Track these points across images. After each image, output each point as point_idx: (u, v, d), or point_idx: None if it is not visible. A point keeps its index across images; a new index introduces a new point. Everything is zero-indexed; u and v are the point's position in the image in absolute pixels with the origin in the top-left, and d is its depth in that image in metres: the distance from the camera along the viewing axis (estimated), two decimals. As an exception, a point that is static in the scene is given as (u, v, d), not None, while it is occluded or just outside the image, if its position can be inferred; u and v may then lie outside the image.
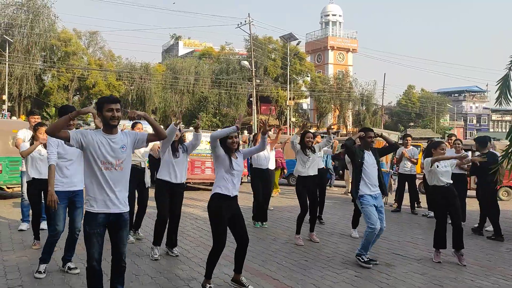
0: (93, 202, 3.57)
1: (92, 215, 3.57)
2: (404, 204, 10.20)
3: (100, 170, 3.56)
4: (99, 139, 3.59)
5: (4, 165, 9.37)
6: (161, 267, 5.29)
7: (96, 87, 39.40)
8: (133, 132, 3.84)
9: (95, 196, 3.57)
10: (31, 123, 6.56)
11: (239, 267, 4.65)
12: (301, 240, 6.66)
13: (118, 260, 3.71)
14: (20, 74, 35.15)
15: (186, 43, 72.68)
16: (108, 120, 3.59)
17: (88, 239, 3.57)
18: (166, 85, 43.91)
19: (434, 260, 5.90)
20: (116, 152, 3.62)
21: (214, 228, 4.47)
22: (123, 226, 3.69)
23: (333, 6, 65.18)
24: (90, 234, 3.55)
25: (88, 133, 3.59)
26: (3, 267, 5.14)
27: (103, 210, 3.57)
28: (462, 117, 76.63)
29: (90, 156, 3.56)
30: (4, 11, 36.66)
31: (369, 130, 5.95)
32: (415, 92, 63.82)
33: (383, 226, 5.67)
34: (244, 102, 45.97)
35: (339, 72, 56.58)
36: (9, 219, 7.81)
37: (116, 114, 3.58)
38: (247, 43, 43.05)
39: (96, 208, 3.56)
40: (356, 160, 5.70)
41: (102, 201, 3.57)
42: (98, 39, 43.70)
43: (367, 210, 5.58)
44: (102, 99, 3.66)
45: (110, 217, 3.61)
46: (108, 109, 3.57)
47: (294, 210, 9.66)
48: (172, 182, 5.62)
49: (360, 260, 5.55)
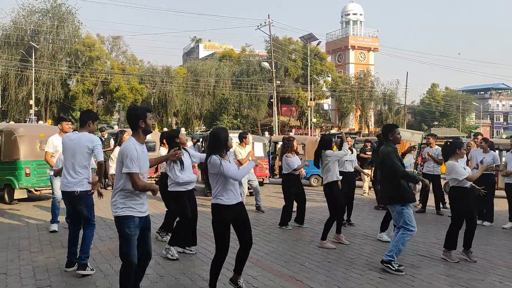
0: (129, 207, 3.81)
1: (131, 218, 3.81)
2: (429, 205, 10.02)
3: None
4: (141, 148, 3.81)
5: (32, 168, 9.61)
6: (185, 268, 5.34)
7: (120, 91, 40.12)
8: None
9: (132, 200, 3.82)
10: (65, 129, 6.63)
11: (239, 269, 4.51)
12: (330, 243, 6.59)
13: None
14: (47, 80, 36.06)
15: (206, 45, 73.30)
16: (150, 129, 3.89)
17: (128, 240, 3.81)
18: (187, 87, 44.34)
19: (451, 261, 5.77)
20: (147, 162, 3.90)
21: (217, 237, 4.36)
22: (149, 226, 3.98)
23: (354, 5, 64.70)
24: (129, 235, 3.78)
25: (136, 153, 3.73)
26: (32, 267, 5.27)
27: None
28: (489, 115, 74.84)
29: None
30: (30, 18, 37.68)
31: (395, 127, 5.68)
32: (439, 90, 62.69)
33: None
34: (265, 103, 46.02)
35: (361, 71, 56.06)
36: (38, 221, 8.01)
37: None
38: (267, 44, 43.09)
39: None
40: (401, 167, 5.43)
41: (140, 204, 3.85)
42: (121, 43, 44.66)
43: (408, 213, 5.38)
44: (145, 109, 3.92)
45: (142, 220, 3.86)
46: (150, 117, 3.88)
47: (315, 211, 9.62)
48: (187, 190, 5.79)
49: (390, 268, 5.28)
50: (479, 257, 5.94)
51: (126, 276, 3.78)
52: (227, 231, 4.28)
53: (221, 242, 4.28)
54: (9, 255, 5.77)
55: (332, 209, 6.62)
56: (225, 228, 4.27)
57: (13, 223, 7.87)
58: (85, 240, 4.98)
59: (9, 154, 9.70)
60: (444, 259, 5.85)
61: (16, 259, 5.62)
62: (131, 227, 3.74)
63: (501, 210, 9.34)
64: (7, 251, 5.97)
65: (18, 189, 9.57)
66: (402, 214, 5.39)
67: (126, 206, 3.76)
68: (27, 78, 35.62)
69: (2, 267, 5.27)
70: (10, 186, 9.68)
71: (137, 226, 3.79)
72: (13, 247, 6.17)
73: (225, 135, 4.31)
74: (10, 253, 5.89)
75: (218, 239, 4.30)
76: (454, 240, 5.88)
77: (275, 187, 13.25)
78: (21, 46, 36.11)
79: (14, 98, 36.23)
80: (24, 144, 9.69)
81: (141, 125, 3.80)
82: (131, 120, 3.83)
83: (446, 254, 5.89)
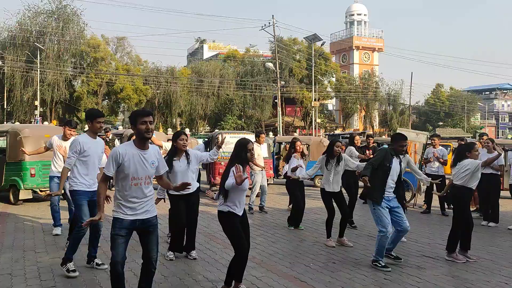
0: (119, 209, 3.73)
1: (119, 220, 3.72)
2: (434, 206, 9.98)
3: (130, 185, 3.68)
4: (132, 153, 3.68)
5: (37, 169, 9.65)
6: (190, 269, 5.34)
7: (124, 91, 40.23)
8: (161, 155, 3.94)
9: (123, 203, 3.71)
10: (66, 134, 6.65)
11: (238, 276, 4.44)
12: (332, 241, 6.62)
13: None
14: (52, 81, 36.22)
15: (210, 46, 73.36)
16: (143, 133, 3.66)
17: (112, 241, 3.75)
18: (192, 88, 44.40)
19: (458, 261, 5.76)
20: (147, 169, 3.72)
21: (232, 238, 4.41)
22: (151, 230, 3.81)
23: (358, 6, 64.57)
24: (113, 235, 3.72)
25: (121, 154, 3.65)
26: (37, 268, 5.29)
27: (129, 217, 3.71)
28: (494, 116, 74.43)
29: (122, 170, 3.69)
30: (36, 19, 37.85)
31: (402, 138, 5.70)
32: (443, 90, 62.42)
33: (407, 225, 5.55)
34: (269, 103, 46.01)
35: (365, 72, 55.94)
36: (43, 222, 8.04)
37: (150, 127, 3.67)
38: (272, 44, 43.11)
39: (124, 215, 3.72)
40: (385, 165, 5.54)
41: (130, 208, 3.71)
42: (125, 44, 44.70)
43: (378, 213, 5.47)
44: (135, 113, 3.75)
45: (136, 223, 3.72)
46: (142, 122, 3.65)
47: (320, 211, 9.60)
48: (183, 194, 5.56)
49: (377, 266, 5.43)
50: (484, 258, 5.91)
51: (112, 275, 3.75)
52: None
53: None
54: (14, 256, 5.79)
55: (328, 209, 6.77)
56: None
57: (18, 223, 7.90)
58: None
59: (14, 154, 9.74)
60: (451, 261, 5.82)
61: (21, 259, 5.64)
62: (116, 228, 3.68)
63: (506, 210, 9.29)
64: (12, 252, 5.99)
65: (23, 190, 9.61)
66: (373, 213, 5.59)
67: (117, 207, 3.74)
68: (32, 79, 35.80)
69: (7, 268, 5.29)
70: (15, 187, 9.72)
71: (124, 227, 3.68)
72: (18, 248, 6.19)
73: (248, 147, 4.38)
74: (15, 253, 5.91)
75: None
76: (455, 242, 5.89)
77: (279, 188, 13.23)
78: (27, 47, 36.31)
79: (19, 99, 36.43)
80: (29, 144, 9.71)
81: (133, 130, 3.74)
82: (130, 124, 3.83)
83: (452, 255, 5.86)
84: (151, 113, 3.78)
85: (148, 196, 3.79)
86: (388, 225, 5.42)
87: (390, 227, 5.46)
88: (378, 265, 5.44)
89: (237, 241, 4.34)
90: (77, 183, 5.13)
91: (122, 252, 3.68)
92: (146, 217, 3.76)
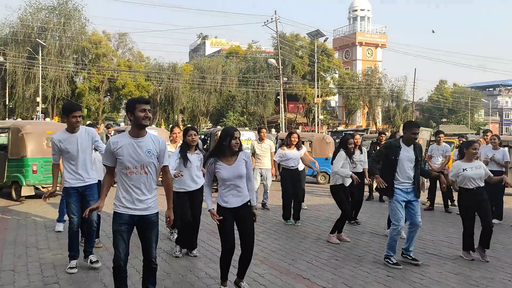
0: (119, 202, 3.70)
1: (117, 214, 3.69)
2: (437, 202, 9.93)
3: (126, 174, 3.67)
4: (126, 141, 3.66)
5: (39, 165, 9.65)
6: (192, 266, 5.33)
7: (126, 88, 40.21)
8: (165, 146, 3.83)
9: (121, 194, 3.70)
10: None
11: (241, 272, 4.45)
12: (335, 238, 6.61)
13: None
14: (54, 77, 36.17)
15: (213, 42, 73.20)
16: (140, 120, 3.63)
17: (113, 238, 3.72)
18: (194, 84, 44.35)
19: (465, 258, 5.77)
20: (141, 156, 3.66)
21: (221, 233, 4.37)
22: (150, 227, 3.76)
23: (361, 1, 64.12)
24: (113, 230, 3.69)
25: (113, 143, 3.67)
26: (40, 264, 5.29)
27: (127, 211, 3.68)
28: (498, 112, 74.17)
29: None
30: (37, 15, 37.81)
31: (414, 126, 5.59)
32: (447, 87, 62.19)
33: (418, 221, 5.47)
34: (272, 100, 45.93)
35: (368, 68, 55.70)
36: (45, 218, 8.04)
37: (148, 115, 3.65)
38: (274, 41, 42.95)
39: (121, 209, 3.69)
40: (390, 158, 5.50)
41: (128, 200, 3.69)
42: (127, 40, 44.62)
43: (393, 206, 5.45)
44: (133, 100, 3.72)
45: (135, 218, 3.69)
46: (141, 109, 3.63)
47: (323, 208, 9.58)
48: (188, 191, 5.60)
49: (389, 262, 5.41)
50: (488, 255, 5.86)
51: (114, 272, 3.73)
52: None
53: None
54: (16, 252, 5.80)
55: (342, 207, 6.69)
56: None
57: (21, 220, 7.91)
58: None
59: (16, 151, 9.74)
60: (460, 256, 5.85)
61: (24, 255, 5.65)
62: (116, 223, 3.67)
63: (511, 207, 9.24)
64: (14, 248, 5.99)
65: (25, 186, 9.61)
66: (389, 206, 5.59)
67: (117, 200, 3.71)
68: (34, 76, 35.76)
69: (9, 264, 5.29)
70: (17, 183, 9.73)
71: (124, 223, 3.66)
72: (20, 244, 6.20)
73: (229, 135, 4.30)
74: (17, 249, 5.92)
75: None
76: (467, 241, 5.87)
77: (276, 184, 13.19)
78: (28, 43, 36.27)
79: (21, 95, 36.40)
80: (31, 141, 9.72)
81: (130, 118, 3.69)
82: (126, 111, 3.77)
83: (463, 253, 5.89)
84: (149, 101, 3.79)
85: (148, 190, 3.72)
86: (401, 219, 5.40)
87: (403, 222, 5.44)
88: (389, 261, 5.41)
89: (220, 235, 4.34)
90: (66, 180, 5.10)
91: (124, 249, 3.67)
92: (146, 213, 3.72)
